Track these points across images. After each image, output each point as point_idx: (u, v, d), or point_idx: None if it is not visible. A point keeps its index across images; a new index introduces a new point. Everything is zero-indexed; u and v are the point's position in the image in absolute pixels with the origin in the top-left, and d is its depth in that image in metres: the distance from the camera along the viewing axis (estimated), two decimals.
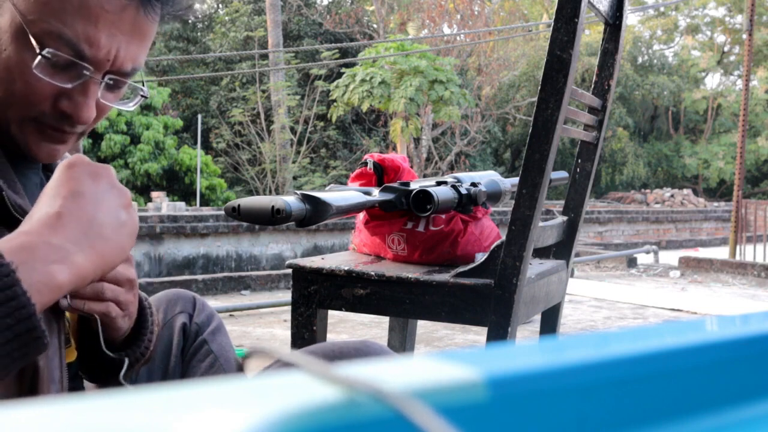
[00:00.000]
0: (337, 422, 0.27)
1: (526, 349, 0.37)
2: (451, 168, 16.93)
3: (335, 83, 14.19)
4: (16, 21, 0.83)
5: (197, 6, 0.98)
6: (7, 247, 0.69)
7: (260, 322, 4.17)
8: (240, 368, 1.20)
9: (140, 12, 0.87)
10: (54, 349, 0.87)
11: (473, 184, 1.59)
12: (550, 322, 1.88)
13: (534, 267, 1.64)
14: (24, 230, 0.73)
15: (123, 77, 0.89)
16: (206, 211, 10.19)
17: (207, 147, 17.36)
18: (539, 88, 1.34)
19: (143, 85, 0.94)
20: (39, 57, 0.82)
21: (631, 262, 7.32)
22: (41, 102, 0.85)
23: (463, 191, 1.54)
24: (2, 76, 0.84)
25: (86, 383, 1.02)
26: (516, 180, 1.51)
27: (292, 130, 16.09)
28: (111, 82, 0.88)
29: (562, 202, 1.90)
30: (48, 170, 0.99)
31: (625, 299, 5.20)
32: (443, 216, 1.54)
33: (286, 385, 0.29)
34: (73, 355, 0.97)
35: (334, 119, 14.72)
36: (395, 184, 1.50)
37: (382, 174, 1.64)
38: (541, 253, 1.83)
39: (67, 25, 0.83)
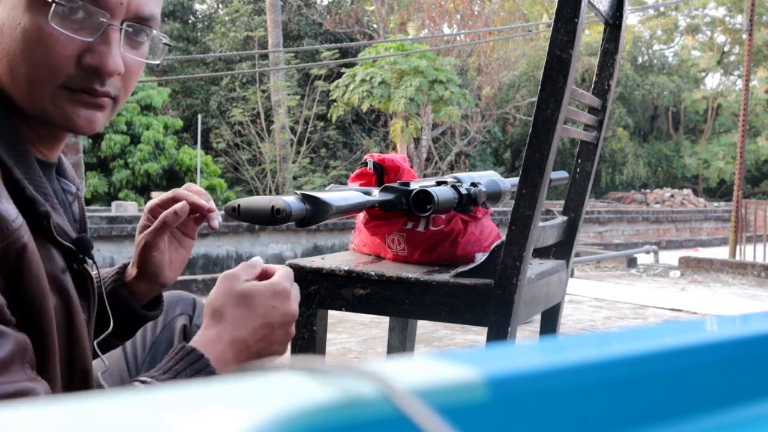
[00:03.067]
0: (336, 422, 0.27)
1: (526, 349, 0.37)
2: (451, 168, 16.93)
3: (335, 83, 14.18)
4: None
5: None
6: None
7: None
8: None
9: None
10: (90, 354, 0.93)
11: (473, 184, 1.59)
12: (550, 322, 1.88)
13: (534, 267, 1.64)
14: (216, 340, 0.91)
15: (141, 23, 0.90)
16: None
17: (207, 147, 17.35)
18: (539, 88, 1.34)
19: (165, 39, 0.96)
20: (53, 6, 0.83)
21: (631, 262, 7.32)
22: (66, 64, 0.85)
23: (463, 191, 1.54)
24: (21, 50, 0.84)
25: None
26: (516, 180, 1.51)
27: (292, 130, 16.09)
28: (130, 29, 0.89)
29: (562, 202, 1.90)
30: (57, 172, 0.99)
31: (625, 299, 5.21)
32: (443, 216, 1.54)
33: (286, 385, 0.29)
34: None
35: (334, 119, 14.72)
36: (395, 184, 1.50)
37: (382, 174, 1.64)
38: (541, 253, 1.83)
39: None
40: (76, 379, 0.89)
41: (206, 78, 18.82)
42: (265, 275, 0.97)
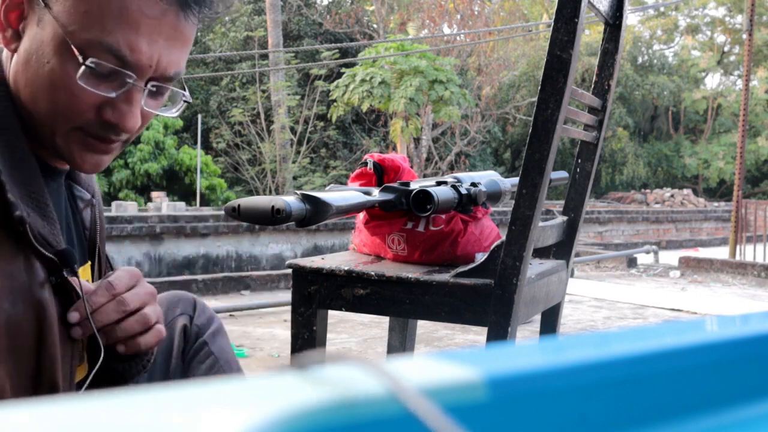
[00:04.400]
0: (335, 422, 0.27)
1: (526, 349, 0.37)
2: (451, 168, 16.93)
3: (335, 83, 14.19)
4: (57, 33, 0.83)
5: (235, 5, 1.00)
6: None
7: (260, 322, 4.17)
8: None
9: (180, 17, 0.87)
10: (67, 371, 0.90)
11: (473, 184, 1.59)
12: (550, 322, 1.88)
13: (534, 267, 1.64)
14: None
15: (165, 83, 0.90)
16: (206, 211, 10.20)
17: (207, 147, 17.36)
18: (539, 88, 1.34)
19: (185, 89, 0.95)
20: (83, 67, 0.83)
21: (631, 262, 7.32)
22: (85, 112, 0.86)
23: (463, 191, 1.54)
24: (46, 89, 0.86)
25: None
26: (516, 180, 1.51)
27: (292, 130, 16.09)
28: (154, 88, 0.89)
29: (562, 202, 1.90)
30: (70, 179, 0.99)
31: (625, 299, 5.21)
32: (443, 216, 1.54)
33: (285, 386, 0.29)
34: (83, 372, 0.98)
35: (334, 119, 14.72)
36: (395, 184, 1.50)
37: (382, 174, 1.64)
38: (541, 253, 1.83)
39: (109, 33, 0.83)
40: (41, 392, 0.87)
41: (206, 78, 18.82)
42: None
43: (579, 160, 1.81)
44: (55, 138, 0.88)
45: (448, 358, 0.33)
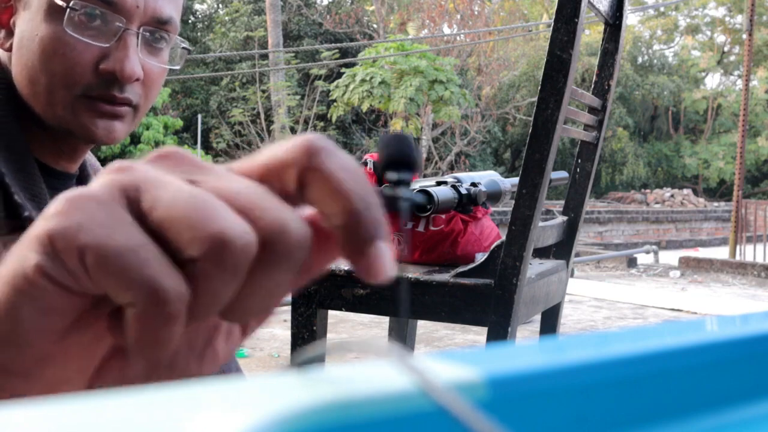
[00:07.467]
0: (336, 422, 0.27)
1: (526, 349, 0.37)
2: (451, 168, 16.94)
3: (335, 83, 14.20)
4: (42, 1, 0.84)
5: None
6: None
7: None
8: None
9: None
10: None
11: (473, 184, 1.59)
12: (550, 322, 1.88)
13: (534, 267, 1.64)
14: None
15: (158, 28, 0.89)
16: None
17: (207, 147, 17.36)
18: (539, 88, 1.34)
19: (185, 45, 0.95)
20: (68, 11, 0.83)
21: (631, 262, 7.32)
22: (83, 72, 0.85)
23: (463, 191, 1.54)
24: (40, 62, 0.85)
25: None
26: (516, 180, 1.51)
27: (292, 130, 16.09)
28: (147, 34, 0.88)
29: (562, 202, 1.90)
30: (82, 184, 0.99)
31: (625, 299, 5.21)
32: (443, 216, 1.54)
33: (286, 385, 0.29)
34: None
35: (334, 119, 14.74)
36: None
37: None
38: (541, 253, 1.83)
39: None
40: None
41: (206, 78, 18.82)
42: None
43: (579, 160, 1.81)
44: (63, 113, 0.86)
45: (448, 358, 0.33)
